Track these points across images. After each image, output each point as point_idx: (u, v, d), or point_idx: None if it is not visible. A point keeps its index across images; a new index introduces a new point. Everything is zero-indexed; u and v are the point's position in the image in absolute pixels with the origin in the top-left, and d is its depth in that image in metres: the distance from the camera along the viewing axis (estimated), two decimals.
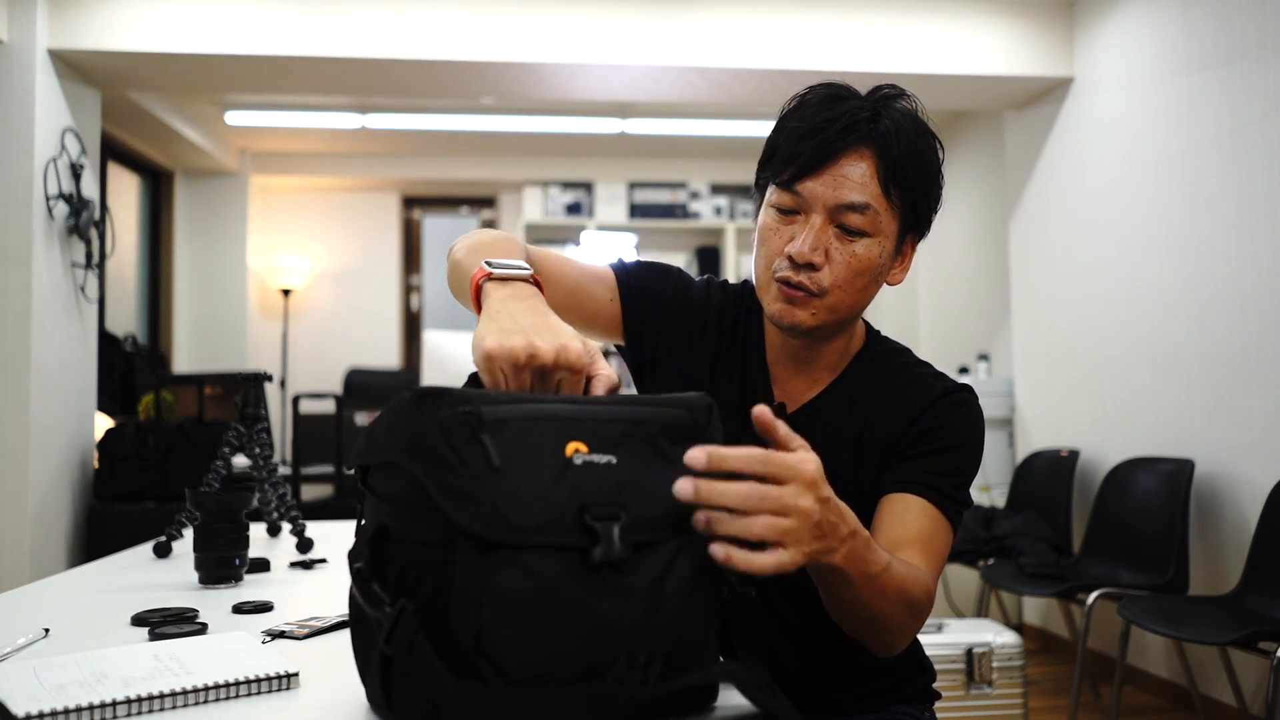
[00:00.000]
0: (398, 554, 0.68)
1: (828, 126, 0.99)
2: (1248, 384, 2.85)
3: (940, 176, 1.08)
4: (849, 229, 1.00)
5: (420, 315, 6.45)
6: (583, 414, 0.69)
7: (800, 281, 1.00)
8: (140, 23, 3.40)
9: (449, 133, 5.44)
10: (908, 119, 1.03)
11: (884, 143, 1.00)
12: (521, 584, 0.63)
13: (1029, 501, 3.66)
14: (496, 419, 0.66)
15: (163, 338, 5.47)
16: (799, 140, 1.00)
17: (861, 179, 0.99)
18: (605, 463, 0.68)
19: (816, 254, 1.00)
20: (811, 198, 1.00)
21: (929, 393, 1.07)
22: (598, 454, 0.68)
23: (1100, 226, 3.57)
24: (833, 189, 0.99)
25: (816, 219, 1.00)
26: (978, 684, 2.45)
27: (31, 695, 0.71)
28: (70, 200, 3.47)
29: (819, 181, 0.99)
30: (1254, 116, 2.84)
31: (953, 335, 5.19)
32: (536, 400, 0.69)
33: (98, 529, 3.57)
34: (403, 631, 0.64)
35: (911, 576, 0.91)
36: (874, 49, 3.65)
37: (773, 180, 1.04)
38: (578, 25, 3.55)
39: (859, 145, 0.99)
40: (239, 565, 1.28)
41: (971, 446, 1.07)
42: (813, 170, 0.99)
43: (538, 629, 0.63)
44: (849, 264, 1.01)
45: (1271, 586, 2.53)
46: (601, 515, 0.66)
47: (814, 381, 1.10)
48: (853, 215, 1.00)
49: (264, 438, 1.61)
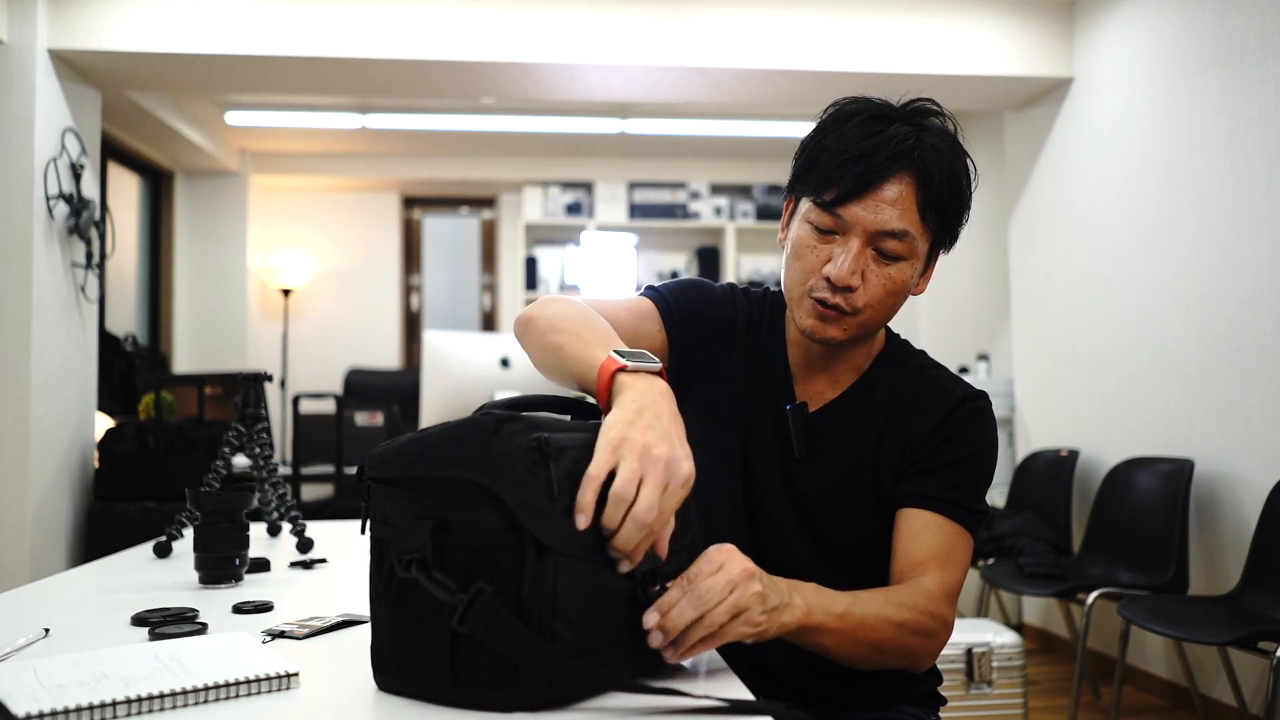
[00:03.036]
0: (465, 542, 0.73)
1: (872, 154, 1.00)
2: (1247, 384, 2.85)
3: (971, 195, 1.08)
4: (886, 254, 1.03)
5: (420, 315, 6.45)
6: None
7: (836, 303, 1.03)
8: (140, 23, 3.40)
9: (449, 133, 5.44)
10: (947, 142, 1.05)
11: (925, 170, 1.01)
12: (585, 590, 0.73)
13: (1029, 501, 3.66)
14: (560, 446, 0.74)
15: (163, 338, 5.47)
16: (842, 165, 1.01)
17: (903, 206, 1.01)
18: None
19: (855, 277, 1.02)
20: (852, 221, 1.02)
21: (948, 398, 1.11)
22: None
23: (1100, 226, 3.57)
24: (874, 214, 1.01)
25: (855, 242, 1.02)
26: (978, 684, 2.45)
27: (31, 695, 0.71)
28: (70, 200, 3.47)
29: (860, 206, 1.01)
30: (1254, 116, 2.84)
31: (953, 335, 5.19)
32: (578, 429, 0.78)
33: (98, 529, 3.57)
34: (480, 610, 0.70)
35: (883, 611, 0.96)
36: (874, 49, 3.65)
37: (811, 198, 1.05)
38: (578, 25, 3.55)
39: (901, 171, 1.01)
40: (239, 565, 1.28)
41: (988, 454, 1.10)
42: (855, 196, 1.01)
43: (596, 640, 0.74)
44: (884, 286, 1.04)
45: (1271, 586, 2.53)
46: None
47: (836, 382, 1.14)
48: (891, 242, 1.02)
49: (264, 438, 1.61)
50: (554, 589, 0.71)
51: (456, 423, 0.76)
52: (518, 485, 0.71)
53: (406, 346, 6.34)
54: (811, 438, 1.11)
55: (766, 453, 1.13)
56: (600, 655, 0.75)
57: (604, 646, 0.75)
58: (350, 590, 1.24)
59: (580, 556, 0.73)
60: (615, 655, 0.76)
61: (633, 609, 0.77)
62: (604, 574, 0.75)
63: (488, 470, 0.72)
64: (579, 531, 0.72)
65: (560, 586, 0.72)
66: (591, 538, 0.74)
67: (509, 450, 0.72)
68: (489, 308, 6.48)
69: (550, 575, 0.71)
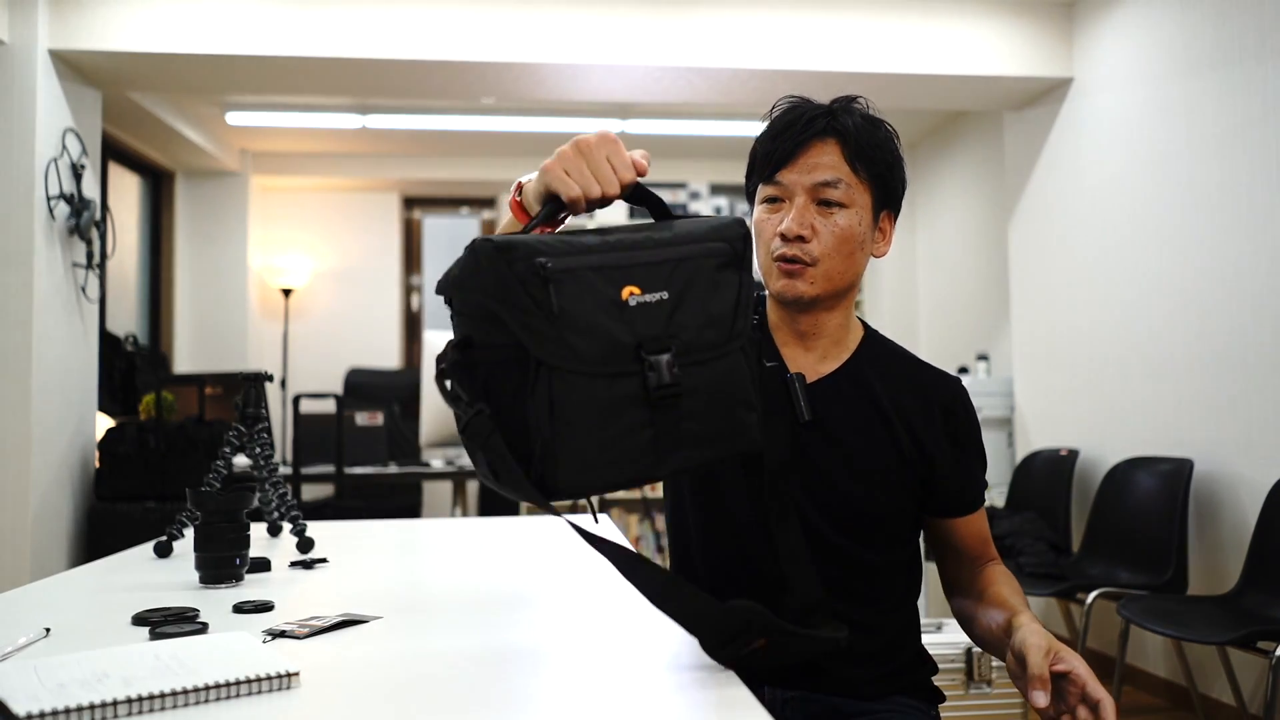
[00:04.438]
0: (483, 357, 0.80)
1: (793, 124, 1.16)
2: (1247, 384, 2.85)
3: (900, 158, 1.21)
4: (828, 202, 1.15)
5: (420, 315, 6.45)
6: (635, 260, 0.82)
7: (794, 254, 1.15)
8: (141, 23, 3.40)
9: (449, 133, 5.44)
10: (861, 113, 1.19)
11: (842, 127, 1.16)
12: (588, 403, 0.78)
13: (1028, 501, 3.67)
14: (564, 269, 0.78)
15: (163, 338, 5.47)
16: (771, 140, 1.17)
17: (831, 161, 1.15)
18: (657, 300, 0.82)
19: (804, 228, 1.14)
20: (791, 184, 1.16)
21: (947, 379, 1.24)
22: (650, 293, 0.82)
23: (1099, 226, 3.58)
24: (807, 173, 1.15)
25: (799, 199, 1.15)
26: (977, 684, 2.45)
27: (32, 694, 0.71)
28: (71, 200, 3.47)
29: (794, 170, 1.15)
30: (1253, 116, 2.84)
31: (952, 335, 5.19)
32: (597, 251, 0.81)
33: (98, 528, 3.57)
34: (478, 426, 0.78)
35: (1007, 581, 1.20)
36: (874, 49, 3.65)
37: (759, 179, 1.19)
38: (578, 25, 3.55)
39: (824, 135, 1.15)
40: (239, 565, 1.28)
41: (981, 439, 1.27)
42: (788, 160, 1.15)
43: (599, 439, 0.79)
44: (833, 233, 1.15)
45: (1270, 586, 2.53)
46: (654, 349, 0.80)
47: (823, 358, 1.22)
48: (828, 190, 1.15)
49: (265, 437, 1.61)
50: (550, 398, 0.77)
51: (467, 249, 0.82)
52: (516, 308, 0.77)
53: (406, 346, 6.34)
54: (814, 407, 1.17)
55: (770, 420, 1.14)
56: (605, 455, 0.79)
57: (608, 446, 0.79)
58: (351, 590, 1.25)
59: (577, 370, 0.77)
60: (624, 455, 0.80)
61: (641, 411, 0.80)
62: (600, 384, 0.78)
63: (492, 294, 0.78)
64: (574, 348, 0.77)
65: (557, 395, 0.77)
66: (594, 352, 0.78)
67: (508, 276, 0.77)
68: None
69: (546, 387, 0.77)
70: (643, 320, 0.81)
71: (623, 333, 0.80)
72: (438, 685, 0.80)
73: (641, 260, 0.83)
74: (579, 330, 0.78)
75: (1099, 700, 0.94)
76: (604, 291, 0.80)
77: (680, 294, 0.83)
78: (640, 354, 0.80)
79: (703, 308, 0.84)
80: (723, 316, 0.86)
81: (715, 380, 0.85)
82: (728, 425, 0.86)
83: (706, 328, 0.84)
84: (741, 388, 0.87)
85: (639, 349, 0.80)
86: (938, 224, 5.42)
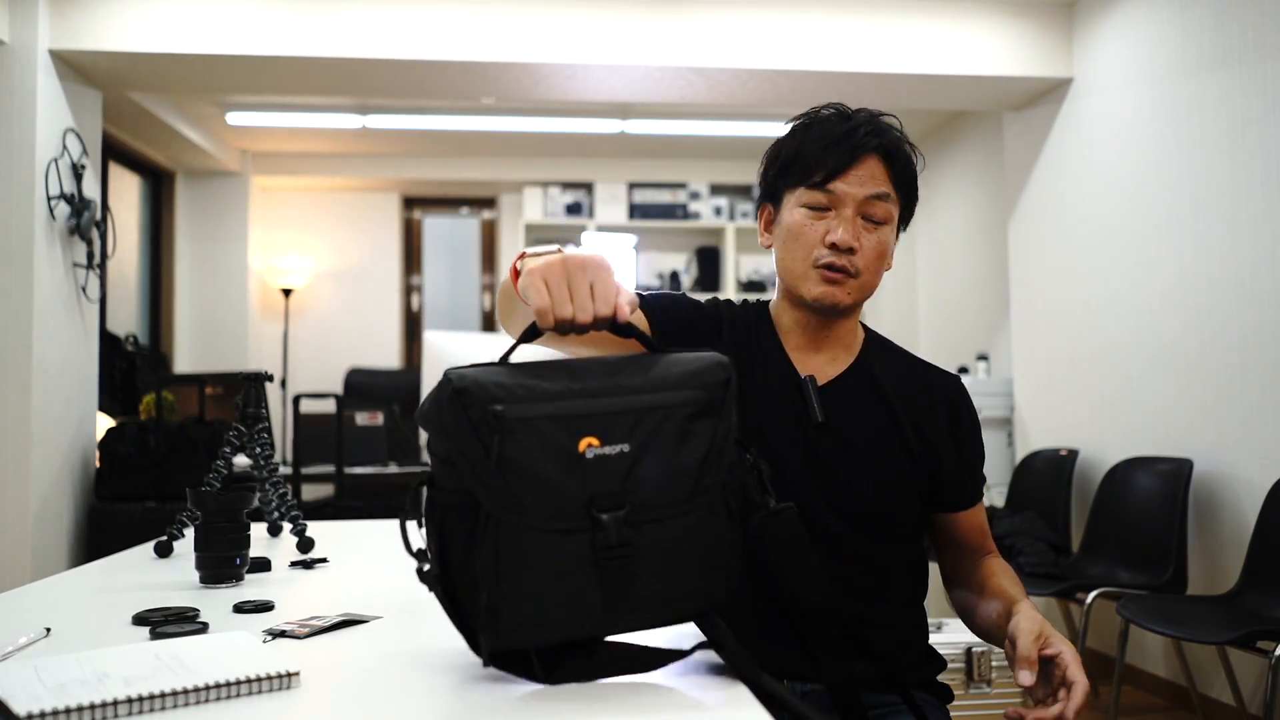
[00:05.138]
0: (441, 500, 0.79)
1: (850, 136, 1.18)
2: (1246, 383, 2.85)
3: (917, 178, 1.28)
4: (874, 219, 1.19)
5: (420, 315, 6.45)
6: (597, 408, 0.77)
7: (843, 265, 1.18)
8: (141, 23, 3.41)
9: (449, 133, 5.44)
10: (898, 133, 1.23)
11: (890, 149, 1.20)
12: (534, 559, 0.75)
13: (1028, 501, 3.67)
14: (518, 417, 0.75)
15: (164, 338, 5.48)
16: (826, 149, 1.18)
17: (881, 177, 1.19)
18: (617, 452, 0.77)
19: (855, 240, 1.18)
20: (843, 194, 1.18)
21: (949, 377, 1.30)
22: (610, 445, 0.77)
23: (1099, 226, 3.58)
24: (859, 186, 1.18)
25: (848, 211, 1.18)
26: (977, 683, 2.45)
27: (33, 694, 0.71)
28: (71, 200, 3.47)
29: (847, 181, 1.18)
30: (1252, 116, 2.84)
31: (952, 335, 5.19)
32: (556, 398, 0.77)
33: (99, 528, 3.57)
34: (428, 583, 0.79)
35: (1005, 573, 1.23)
36: (874, 49, 3.65)
37: (802, 184, 1.20)
38: (578, 25, 3.55)
39: (874, 151, 1.19)
40: (240, 565, 1.28)
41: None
42: (841, 172, 1.18)
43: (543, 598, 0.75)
44: (875, 249, 1.19)
45: (1270, 586, 2.53)
46: (606, 506, 0.76)
47: (832, 360, 1.25)
48: (876, 205, 1.19)
49: (265, 437, 1.61)
50: (495, 551, 0.74)
51: (444, 377, 0.78)
52: (467, 455, 0.75)
53: (407, 346, 6.34)
54: (826, 409, 1.21)
55: (784, 424, 1.20)
56: (563, 616, 0.76)
57: (557, 603, 0.76)
58: (351, 590, 1.25)
59: (524, 524, 0.75)
60: (574, 613, 0.77)
61: (589, 571, 0.76)
62: (549, 539, 0.75)
63: (450, 437, 0.76)
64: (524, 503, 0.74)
65: (503, 549, 0.74)
66: (542, 507, 0.75)
67: (463, 421, 0.75)
68: (489, 308, 6.48)
69: (493, 540, 0.74)
70: (599, 474, 0.76)
71: (575, 487, 0.75)
72: (438, 685, 0.80)
73: (603, 409, 0.77)
74: (527, 483, 0.74)
75: (1074, 683, 0.99)
76: (559, 442, 0.75)
77: (643, 446, 0.77)
78: (591, 511, 0.75)
79: (666, 462, 0.78)
80: (688, 471, 0.79)
81: (675, 539, 0.79)
82: (691, 586, 0.81)
83: (670, 483, 0.78)
84: (706, 546, 0.81)
85: (591, 505, 0.75)
86: (938, 224, 5.42)
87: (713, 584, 0.82)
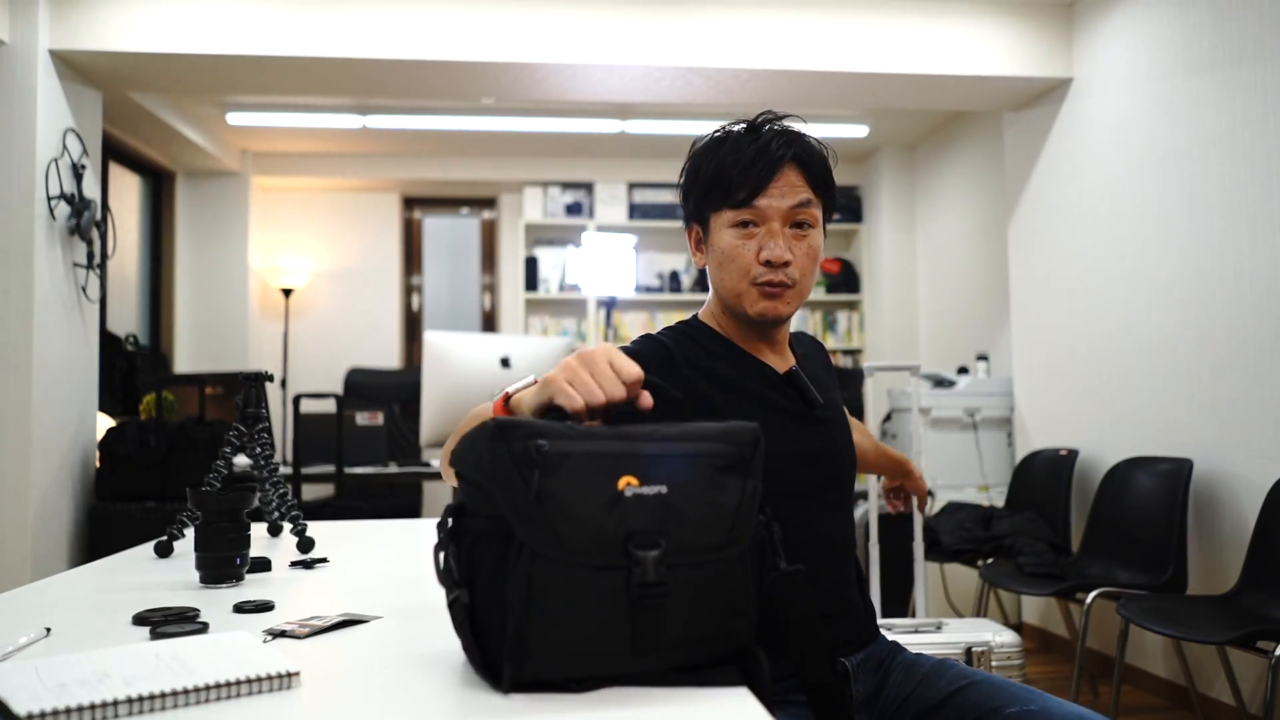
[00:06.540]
0: (473, 526, 0.80)
1: (764, 152, 1.22)
2: (1246, 383, 2.85)
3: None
4: (802, 224, 1.24)
5: (420, 315, 6.45)
6: (636, 450, 0.79)
7: (780, 280, 1.24)
8: (141, 23, 3.41)
9: (449, 133, 5.45)
10: (807, 135, 1.28)
11: (804, 154, 1.25)
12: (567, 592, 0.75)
13: (1028, 501, 3.67)
14: (560, 453, 0.77)
15: (164, 338, 5.48)
16: (744, 169, 1.22)
17: (800, 184, 1.24)
18: (655, 494, 0.78)
19: (787, 253, 1.23)
20: (768, 210, 1.23)
21: (809, 336, 1.48)
22: (648, 485, 0.78)
23: (1099, 227, 3.58)
24: (781, 199, 1.23)
25: (775, 225, 1.23)
26: None
27: (33, 694, 0.71)
28: (72, 200, 3.47)
29: (769, 196, 1.22)
30: (1252, 117, 2.84)
31: (952, 336, 5.19)
32: (596, 437, 0.79)
33: (99, 528, 3.58)
34: (454, 611, 0.80)
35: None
36: (874, 49, 3.65)
37: (726, 205, 1.24)
38: (578, 25, 3.55)
39: (790, 160, 1.23)
40: (240, 565, 1.28)
41: None
42: (764, 187, 1.22)
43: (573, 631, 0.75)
44: (807, 254, 1.25)
45: (1270, 586, 2.54)
46: (643, 544, 0.76)
47: (782, 355, 1.35)
48: (802, 212, 1.24)
49: (265, 437, 1.61)
50: (528, 581, 0.74)
51: (480, 424, 0.81)
52: (507, 489, 0.76)
53: (407, 346, 6.34)
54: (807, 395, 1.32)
55: (779, 414, 1.27)
56: (590, 651, 0.76)
57: (586, 640, 0.76)
58: (351, 590, 1.25)
59: (559, 558, 0.75)
60: (602, 650, 0.77)
61: (621, 608, 0.76)
62: (582, 574, 0.75)
63: (486, 470, 0.78)
64: (562, 537, 0.75)
65: (536, 581, 0.75)
66: (579, 542, 0.75)
67: (504, 455, 0.76)
68: (489, 308, 6.49)
69: (526, 570, 0.75)
70: (636, 513, 0.77)
71: (613, 524, 0.76)
72: (438, 685, 0.80)
73: (643, 451, 0.79)
74: (566, 517, 0.75)
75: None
76: (598, 480, 0.77)
77: (679, 489, 0.79)
78: (628, 548, 0.76)
79: (700, 508, 0.80)
80: (722, 519, 0.81)
81: (705, 585, 0.80)
82: (714, 631, 0.81)
83: (703, 529, 0.80)
84: (733, 592, 0.82)
85: (627, 542, 0.76)
86: (938, 224, 5.42)
87: (735, 629, 0.83)
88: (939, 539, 3.52)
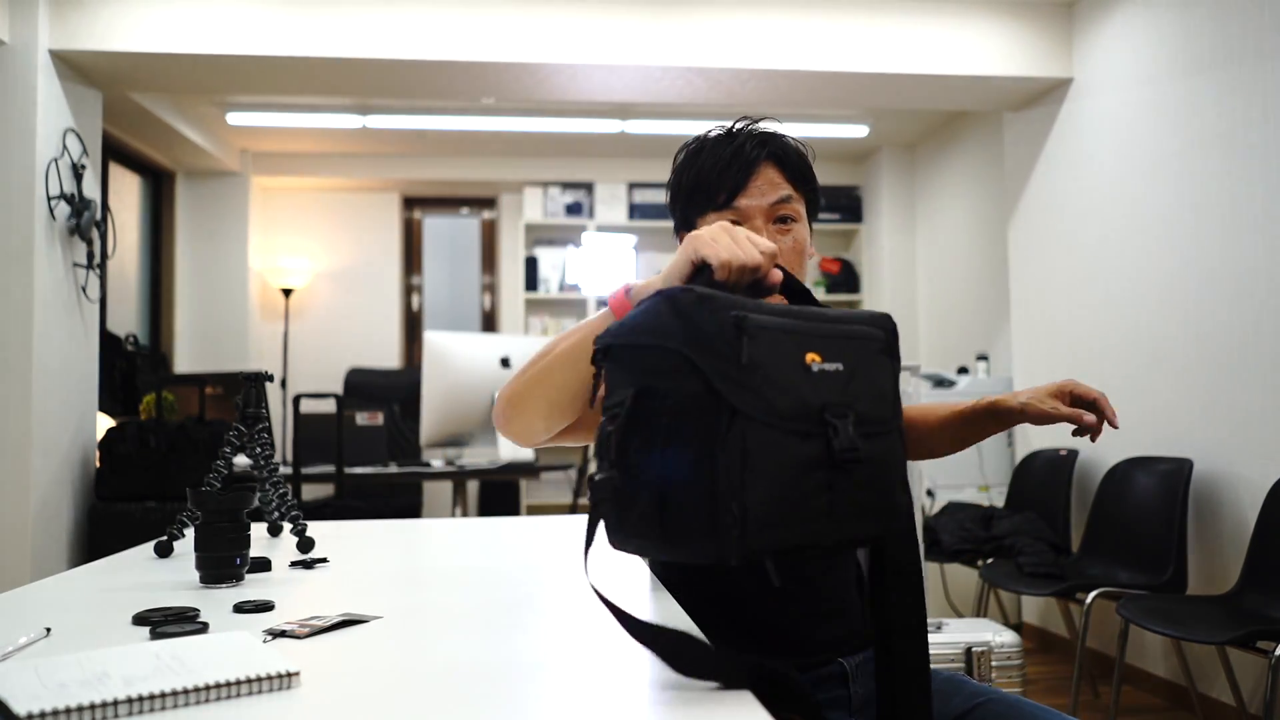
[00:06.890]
0: (669, 405, 0.80)
1: (739, 154, 1.25)
2: (1246, 383, 2.85)
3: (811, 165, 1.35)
4: (785, 219, 1.26)
5: (420, 315, 6.45)
6: (814, 329, 0.85)
7: None
8: (141, 23, 3.41)
9: (449, 133, 5.45)
10: (785, 135, 1.30)
11: (779, 152, 1.27)
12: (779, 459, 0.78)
13: (1028, 501, 3.67)
14: (759, 325, 0.80)
15: (164, 338, 5.48)
16: (721, 172, 1.25)
17: (779, 180, 1.26)
18: (835, 369, 0.84)
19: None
20: (749, 208, 1.25)
21: None
22: (829, 363, 0.84)
23: (1099, 227, 3.58)
24: (761, 196, 1.25)
25: (759, 222, 1.25)
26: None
27: (33, 694, 0.71)
28: (71, 200, 3.47)
29: (749, 195, 1.25)
30: (1252, 117, 2.84)
31: (952, 335, 5.19)
32: (783, 314, 0.84)
33: (99, 528, 3.58)
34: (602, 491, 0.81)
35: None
36: (874, 49, 3.65)
37: (709, 208, 1.26)
38: (578, 25, 3.55)
39: (765, 159, 1.26)
40: (240, 565, 1.28)
41: None
42: (742, 187, 1.25)
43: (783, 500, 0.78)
44: (793, 248, 1.26)
45: (1270, 586, 2.54)
46: (837, 413, 0.82)
47: None
48: (784, 207, 1.25)
49: (265, 437, 1.61)
50: (743, 447, 0.76)
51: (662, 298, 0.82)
52: (715, 356, 0.78)
53: (407, 346, 6.34)
54: None
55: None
56: (791, 514, 0.79)
57: (794, 504, 0.79)
58: (351, 590, 1.25)
59: (769, 423, 0.78)
60: (805, 515, 0.80)
61: (821, 473, 0.80)
62: (790, 441, 0.79)
63: (689, 341, 0.79)
64: (770, 402, 0.78)
65: (750, 445, 0.77)
66: (787, 408, 0.79)
67: (709, 324, 0.79)
68: (489, 308, 6.49)
69: (740, 437, 0.76)
70: (825, 385, 0.83)
71: (810, 394, 0.81)
72: (438, 686, 0.80)
73: (820, 331, 0.85)
74: (773, 384, 0.79)
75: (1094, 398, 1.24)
76: (792, 352, 0.82)
77: (853, 368, 0.85)
78: (825, 416, 0.81)
79: (872, 384, 0.87)
80: (888, 395, 0.88)
81: (882, 454, 0.86)
82: (886, 502, 0.87)
83: (877, 403, 0.86)
84: (900, 467, 0.89)
85: (823, 411, 0.81)
86: (938, 224, 5.42)
87: (900, 505, 0.89)
88: (939, 539, 3.52)
